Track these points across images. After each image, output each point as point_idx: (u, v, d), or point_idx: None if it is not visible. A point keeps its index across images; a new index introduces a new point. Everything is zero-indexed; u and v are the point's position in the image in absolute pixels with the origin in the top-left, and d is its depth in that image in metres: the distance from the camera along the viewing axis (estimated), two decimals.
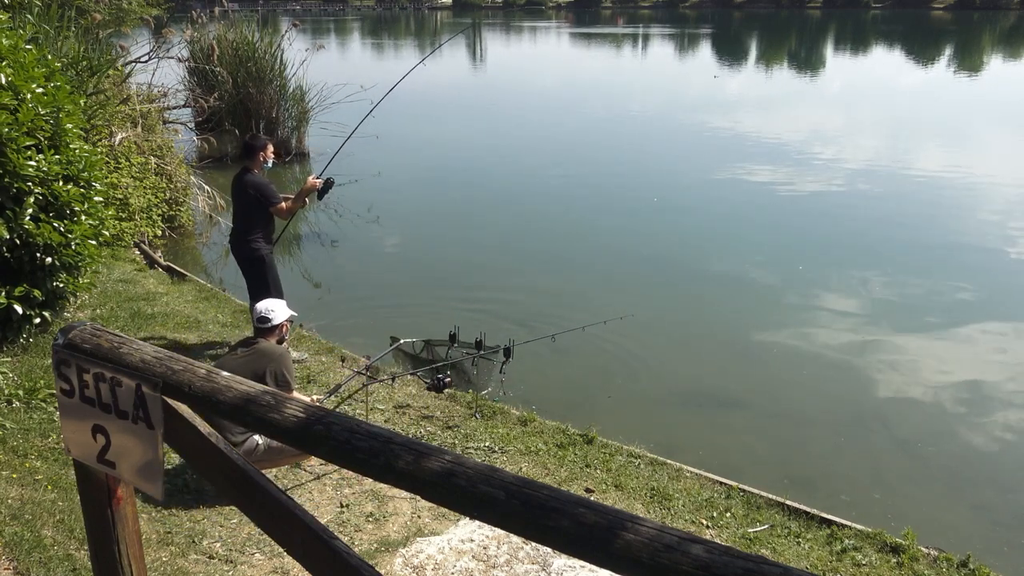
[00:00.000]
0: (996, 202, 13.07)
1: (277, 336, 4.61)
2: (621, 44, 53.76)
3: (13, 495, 3.88)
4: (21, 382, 5.02)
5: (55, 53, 7.84)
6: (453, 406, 5.86)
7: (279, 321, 4.60)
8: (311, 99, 15.11)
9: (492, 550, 4.01)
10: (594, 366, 7.09)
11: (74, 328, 2.01)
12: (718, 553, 1.27)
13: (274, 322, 4.58)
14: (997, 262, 10.19)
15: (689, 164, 15.87)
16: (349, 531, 4.15)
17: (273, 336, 4.58)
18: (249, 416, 1.76)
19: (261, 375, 4.25)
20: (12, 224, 5.04)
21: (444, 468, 1.52)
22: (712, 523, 4.69)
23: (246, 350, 4.49)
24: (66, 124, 5.54)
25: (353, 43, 51.56)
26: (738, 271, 9.62)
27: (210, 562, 3.77)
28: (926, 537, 4.70)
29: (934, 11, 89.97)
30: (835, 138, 18.90)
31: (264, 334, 4.56)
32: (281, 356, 4.43)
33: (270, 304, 4.66)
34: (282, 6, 67.04)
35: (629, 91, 28.23)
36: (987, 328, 8.21)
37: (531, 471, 4.98)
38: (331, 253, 10.37)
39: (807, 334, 7.83)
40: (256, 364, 4.31)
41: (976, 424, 6.40)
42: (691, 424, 6.36)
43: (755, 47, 51.50)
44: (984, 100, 25.95)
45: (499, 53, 48.20)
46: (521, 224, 11.59)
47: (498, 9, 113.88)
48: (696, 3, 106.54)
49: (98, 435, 1.99)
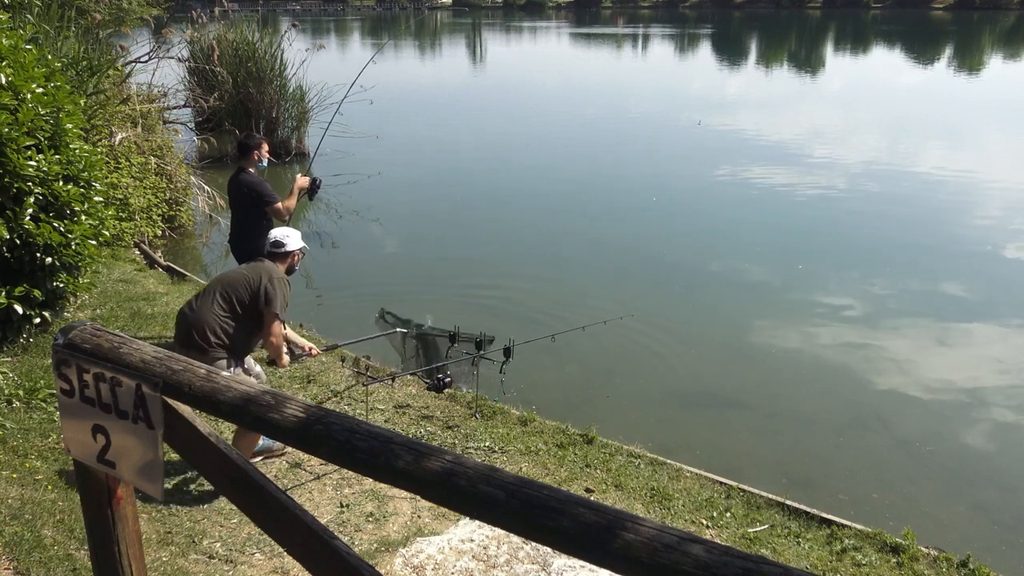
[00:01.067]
0: (996, 202, 13.07)
1: (287, 264, 4.56)
2: (621, 44, 53.76)
3: (13, 495, 3.88)
4: (21, 382, 5.02)
5: (55, 53, 7.84)
6: (453, 406, 5.86)
7: (292, 248, 4.56)
8: (311, 99, 15.11)
9: (492, 550, 4.01)
10: (594, 366, 7.09)
11: (74, 328, 2.01)
12: (718, 553, 1.27)
13: (287, 248, 4.54)
14: (997, 262, 10.19)
15: (689, 164, 15.87)
16: (349, 531, 4.15)
17: (283, 263, 4.53)
18: (249, 416, 1.76)
19: (255, 289, 4.25)
20: (12, 224, 5.04)
21: (444, 468, 1.52)
22: (712, 523, 4.69)
23: (251, 264, 4.50)
24: (66, 124, 5.53)
25: (353, 43, 51.56)
26: (738, 271, 9.62)
27: (210, 562, 3.77)
28: (926, 537, 4.70)
29: (934, 11, 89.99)
30: (835, 138, 18.90)
31: (275, 259, 4.52)
32: (281, 279, 4.39)
33: (286, 231, 4.63)
34: (282, 6, 67.05)
35: (629, 91, 28.23)
36: (987, 328, 8.21)
37: (531, 471, 4.99)
38: (331, 253, 10.36)
39: (807, 334, 7.84)
40: (253, 276, 4.32)
41: (976, 424, 6.40)
42: (691, 424, 6.36)
43: (755, 47, 51.50)
44: (984, 100, 25.94)
45: (499, 53, 48.19)
46: (521, 224, 11.58)
47: (498, 9, 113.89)
48: (696, 3, 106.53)
49: (98, 435, 1.99)
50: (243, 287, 4.28)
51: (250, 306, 4.27)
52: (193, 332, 4.16)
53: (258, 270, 4.38)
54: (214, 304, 4.24)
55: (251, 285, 4.28)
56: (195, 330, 4.17)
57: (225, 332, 4.21)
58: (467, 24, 76.55)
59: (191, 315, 4.22)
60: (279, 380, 5.95)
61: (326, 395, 5.74)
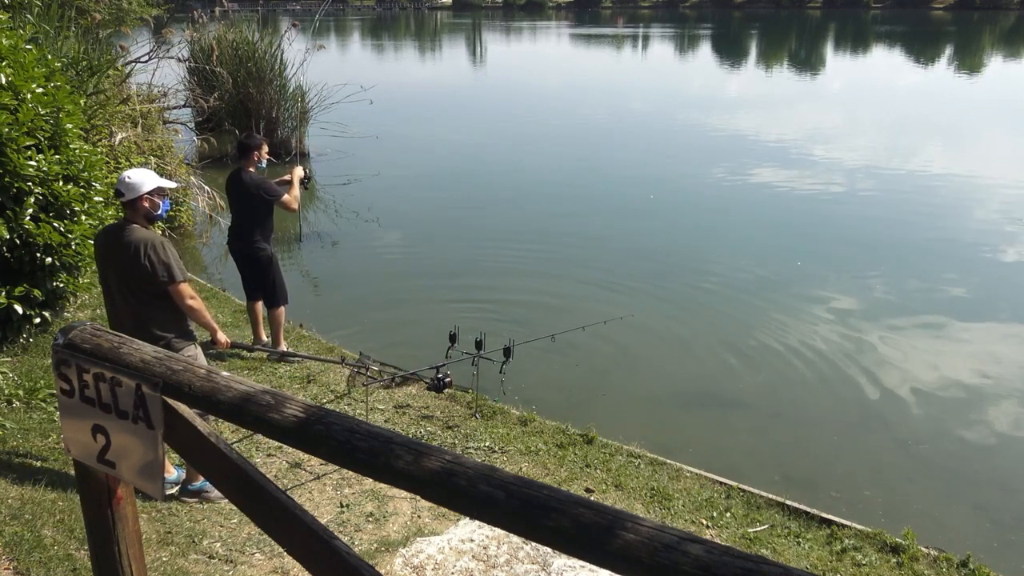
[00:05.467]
0: (996, 201, 13.06)
1: (140, 213, 4.01)
2: (621, 44, 53.76)
3: (13, 495, 3.89)
4: (21, 382, 5.02)
5: (55, 53, 7.84)
6: (453, 406, 5.86)
7: (133, 196, 3.93)
8: (311, 99, 15.11)
9: (492, 550, 4.02)
10: (594, 366, 7.09)
11: (74, 328, 2.02)
12: (717, 553, 1.27)
13: (127, 197, 3.93)
14: (997, 261, 10.19)
15: (689, 163, 15.86)
16: (349, 531, 4.15)
17: (136, 214, 4.01)
18: (249, 415, 1.76)
19: (142, 265, 3.88)
20: (12, 224, 5.04)
21: (444, 468, 1.52)
22: (712, 523, 4.69)
23: (116, 235, 3.99)
24: (66, 124, 5.54)
25: (353, 43, 51.56)
26: (738, 270, 9.62)
27: (210, 562, 3.77)
28: (926, 537, 4.70)
29: (934, 11, 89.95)
30: (835, 137, 18.89)
31: (129, 212, 4.01)
32: (156, 242, 3.95)
33: (127, 172, 4.01)
34: (282, 6, 66.97)
35: (629, 91, 28.23)
36: (987, 327, 8.21)
37: (531, 471, 4.99)
38: (331, 253, 10.36)
39: (807, 333, 7.83)
40: (131, 252, 3.89)
41: (976, 424, 6.40)
42: (691, 424, 6.36)
43: (755, 47, 51.49)
44: (984, 100, 25.94)
45: (499, 53, 48.19)
46: (521, 224, 11.58)
47: (498, 9, 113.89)
48: (696, 3, 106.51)
49: (98, 435, 1.99)
50: (131, 269, 3.90)
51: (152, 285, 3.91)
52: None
53: (128, 241, 3.90)
54: (130, 308, 3.96)
55: (133, 263, 3.87)
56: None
57: (157, 323, 3.94)
58: (467, 24, 76.53)
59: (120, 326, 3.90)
60: (279, 380, 5.96)
61: (326, 395, 5.75)
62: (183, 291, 3.99)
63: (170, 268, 3.93)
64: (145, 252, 3.88)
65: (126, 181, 3.92)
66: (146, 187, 3.93)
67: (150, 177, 3.98)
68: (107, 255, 4.03)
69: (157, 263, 3.89)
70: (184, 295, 4.00)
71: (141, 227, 3.98)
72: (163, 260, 3.91)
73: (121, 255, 3.92)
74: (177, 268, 3.97)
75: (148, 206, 3.98)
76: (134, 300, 3.98)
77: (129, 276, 3.93)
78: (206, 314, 4.18)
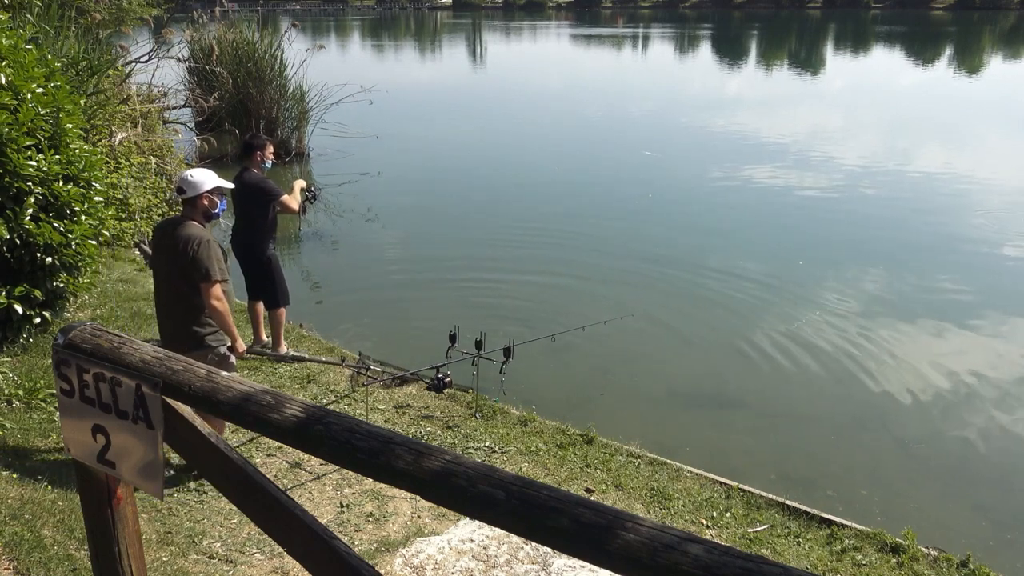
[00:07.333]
0: (996, 201, 13.06)
1: (199, 211, 4.27)
2: (621, 44, 53.76)
3: (13, 495, 3.88)
4: (21, 382, 5.02)
5: (55, 53, 7.84)
6: (453, 406, 5.86)
7: (194, 194, 4.20)
8: (311, 99, 15.11)
9: (492, 550, 4.01)
10: (594, 366, 7.09)
11: (74, 328, 2.02)
12: (718, 553, 1.27)
13: (188, 194, 4.19)
14: (997, 261, 10.19)
15: (689, 163, 15.86)
16: (349, 531, 4.15)
17: (194, 211, 4.26)
18: (249, 416, 1.76)
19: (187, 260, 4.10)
20: (12, 224, 5.04)
21: (444, 468, 1.52)
22: (712, 523, 4.69)
23: (174, 228, 4.23)
24: (66, 124, 5.54)
25: (353, 43, 51.57)
26: (738, 270, 9.61)
27: (210, 562, 3.77)
28: (926, 537, 4.70)
29: (934, 11, 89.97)
30: (835, 137, 18.89)
31: (187, 208, 4.26)
32: (204, 240, 4.16)
33: (190, 171, 4.30)
34: (282, 6, 67.04)
35: (629, 90, 28.22)
36: (987, 327, 8.21)
37: (531, 471, 4.99)
38: (331, 253, 10.36)
39: (807, 333, 7.83)
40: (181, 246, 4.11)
41: (976, 424, 6.40)
42: (691, 424, 6.36)
43: (755, 47, 51.48)
44: (984, 100, 25.94)
45: (499, 53, 48.19)
46: (520, 224, 11.57)
47: (498, 9, 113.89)
48: (696, 3, 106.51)
49: (98, 435, 1.99)
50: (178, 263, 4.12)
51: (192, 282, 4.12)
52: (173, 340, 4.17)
53: (180, 235, 4.13)
54: (173, 299, 4.19)
55: (181, 256, 4.07)
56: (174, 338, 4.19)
57: (199, 315, 4.17)
58: (467, 24, 76.53)
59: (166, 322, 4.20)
60: (279, 380, 5.96)
61: (326, 395, 5.75)
62: (214, 291, 4.16)
63: (210, 267, 4.12)
64: (192, 247, 4.09)
65: (188, 179, 4.18)
66: (206, 186, 4.19)
67: (210, 177, 4.24)
68: (160, 245, 4.28)
69: (199, 259, 4.09)
70: (213, 295, 4.16)
71: (197, 224, 4.21)
72: (205, 257, 4.10)
73: (173, 247, 4.14)
74: (216, 269, 4.15)
75: (207, 204, 4.24)
76: (179, 291, 4.20)
77: (177, 268, 4.15)
78: (229, 319, 4.29)
